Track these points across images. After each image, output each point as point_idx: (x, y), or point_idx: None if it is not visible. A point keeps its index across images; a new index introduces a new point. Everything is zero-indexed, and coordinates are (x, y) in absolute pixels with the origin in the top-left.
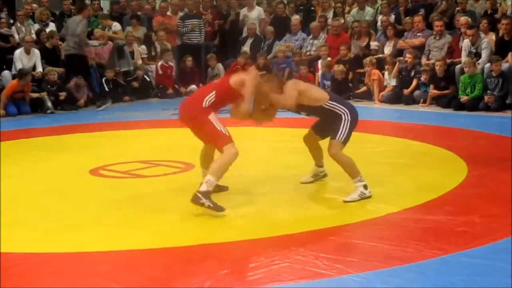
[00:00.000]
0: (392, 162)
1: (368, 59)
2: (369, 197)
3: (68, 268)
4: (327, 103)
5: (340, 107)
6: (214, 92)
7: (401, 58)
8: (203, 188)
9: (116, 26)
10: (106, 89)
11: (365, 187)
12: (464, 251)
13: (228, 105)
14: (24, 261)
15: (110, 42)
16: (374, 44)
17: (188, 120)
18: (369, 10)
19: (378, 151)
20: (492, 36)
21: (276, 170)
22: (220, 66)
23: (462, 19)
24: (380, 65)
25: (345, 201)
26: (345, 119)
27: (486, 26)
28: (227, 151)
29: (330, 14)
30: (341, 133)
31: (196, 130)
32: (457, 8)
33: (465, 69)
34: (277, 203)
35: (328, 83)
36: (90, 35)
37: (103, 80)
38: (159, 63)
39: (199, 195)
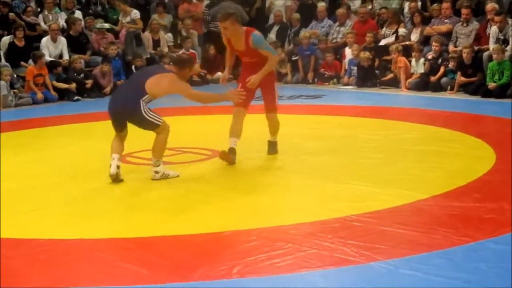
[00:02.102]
0: (420, 149)
1: (394, 46)
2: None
3: (96, 254)
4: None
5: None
6: None
7: (428, 51)
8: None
9: (136, 14)
10: None
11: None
12: (492, 238)
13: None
14: (52, 247)
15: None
16: (402, 31)
17: None
18: None
19: (406, 138)
20: None
21: (299, 156)
22: None
23: (489, 5)
24: (407, 52)
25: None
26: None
27: None
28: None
29: (356, 1)
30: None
31: None
32: None
33: (494, 56)
34: (302, 190)
35: (355, 68)
36: (116, 23)
37: (133, 67)
38: (180, 52)
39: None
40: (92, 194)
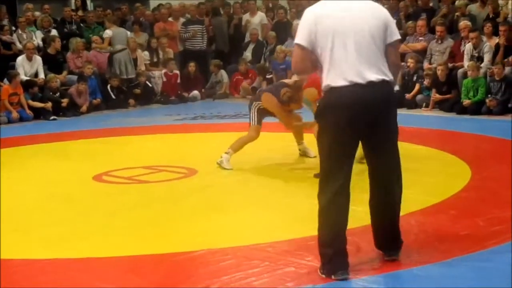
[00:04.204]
0: None
1: None
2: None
3: (73, 274)
4: None
5: None
6: None
7: (403, 63)
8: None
9: (107, 33)
10: (113, 96)
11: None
12: (469, 254)
13: None
14: (28, 267)
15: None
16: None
17: None
18: None
19: None
20: (496, 40)
21: (276, 173)
22: (223, 72)
23: (462, 23)
24: None
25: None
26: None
27: (490, 30)
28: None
29: None
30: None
31: None
32: (456, 13)
33: (469, 73)
34: (275, 208)
35: None
36: (90, 42)
37: (108, 87)
38: (163, 71)
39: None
40: (70, 215)
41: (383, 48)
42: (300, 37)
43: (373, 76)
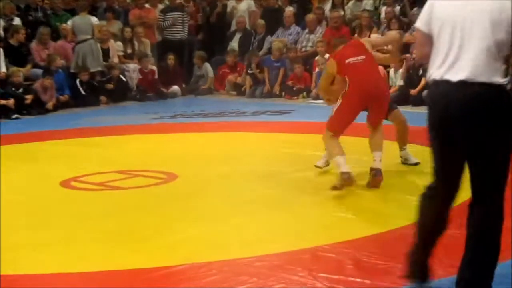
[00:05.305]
0: (398, 170)
1: None
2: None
3: None
4: None
5: None
6: None
7: (408, 55)
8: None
9: (68, 23)
10: (82, 92)
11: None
12: None
13: None
14: None
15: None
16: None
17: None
18: (367, 1)
19: (385, 157)
20: None
21: (264, 179)
22: (207, 65)
23: None
24: None
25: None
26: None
27: None
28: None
29: (328, 6)
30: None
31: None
32: None
33: None
34: (268, 218)
35: None
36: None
37: (77, 81)
38: (138, 67)
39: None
40: (33, 225)
41: (501, 45)
42: (420, 21)
43: (468, 76)
